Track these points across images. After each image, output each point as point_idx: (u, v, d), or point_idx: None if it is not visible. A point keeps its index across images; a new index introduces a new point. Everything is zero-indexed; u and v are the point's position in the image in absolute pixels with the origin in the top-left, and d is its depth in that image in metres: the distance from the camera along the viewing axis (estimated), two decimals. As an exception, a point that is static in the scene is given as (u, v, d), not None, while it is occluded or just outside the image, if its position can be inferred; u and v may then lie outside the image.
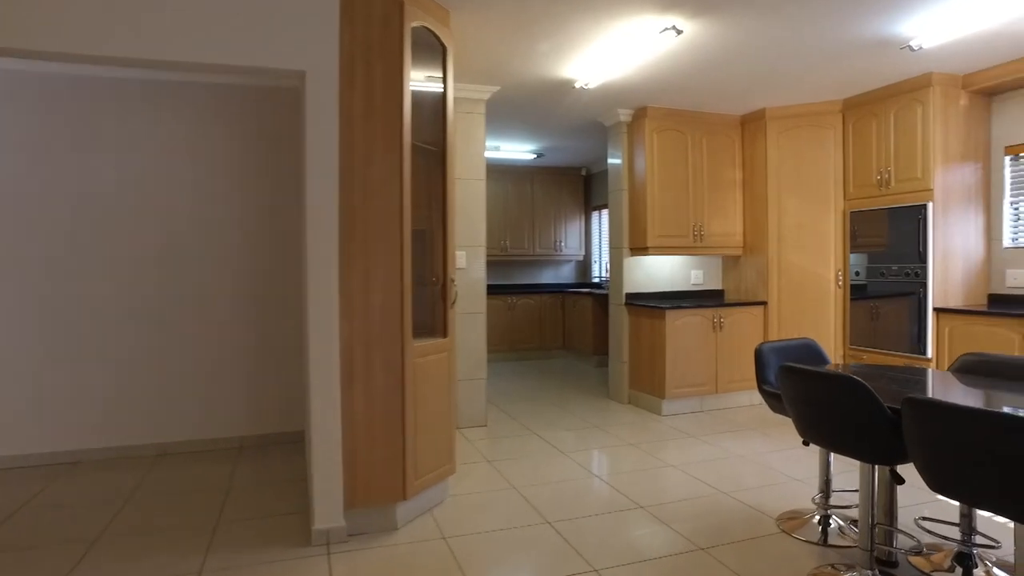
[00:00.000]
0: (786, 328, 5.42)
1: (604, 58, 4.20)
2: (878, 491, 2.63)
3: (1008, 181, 4.69)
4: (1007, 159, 4.68)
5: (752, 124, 5.64)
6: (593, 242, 9.29)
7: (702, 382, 5.35)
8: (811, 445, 4.25)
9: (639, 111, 5.55)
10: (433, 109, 3.40)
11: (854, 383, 2.17)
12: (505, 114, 5.80)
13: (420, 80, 3.31)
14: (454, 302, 3.38)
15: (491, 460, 4.13)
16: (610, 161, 5.93)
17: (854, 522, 2.99)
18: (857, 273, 5.11)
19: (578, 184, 9.11)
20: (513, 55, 4.14)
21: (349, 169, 2.91)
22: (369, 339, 2.96)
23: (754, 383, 5.53)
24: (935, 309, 4.55)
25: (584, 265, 9.49)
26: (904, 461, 2.22)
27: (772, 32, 3.73)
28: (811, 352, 3.25)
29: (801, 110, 5.35)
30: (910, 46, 3.87)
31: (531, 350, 8.58)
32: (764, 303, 5.52)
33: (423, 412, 3.16)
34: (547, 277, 9.34)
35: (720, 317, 5.38)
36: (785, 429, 4.77)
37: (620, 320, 5.78)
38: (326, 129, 2.86)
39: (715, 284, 6.09)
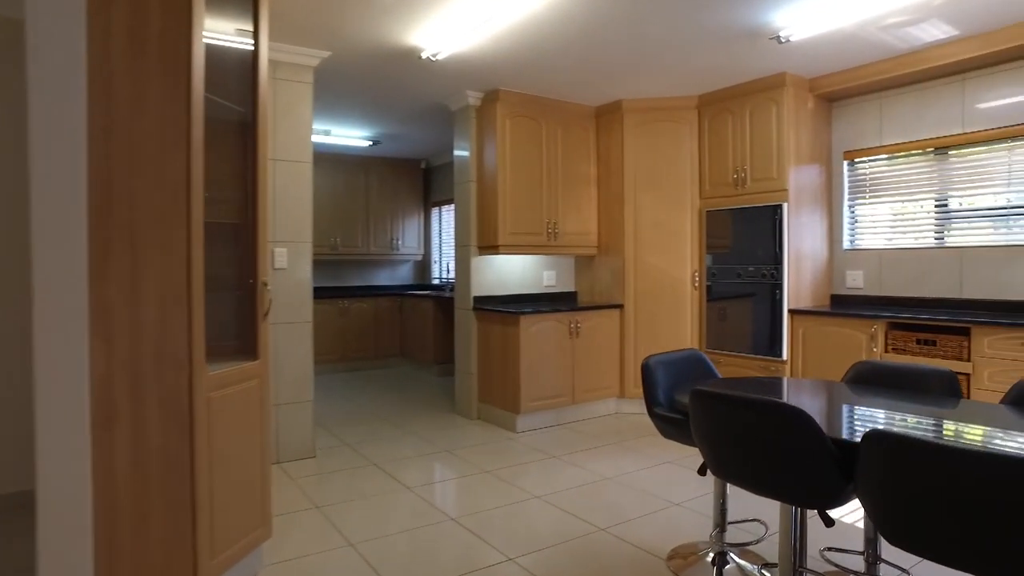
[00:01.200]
0: (643, 332, 5.16)
1: (457, 21, 3.57)
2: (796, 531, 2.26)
3: (846, 185, 4.77)
4: (845, 164, 4.76)
5: (608, 116, 5.33)
6: (433, 241, 8.64)
7: (559, 393, 4.91)
8: (690, 463, 3.94)
9: (490, 94, 4.99)
10: (243, 68, 2.55)
11: (798, 414, 1.74)
12: (338, 90, 4.95)
13: (228, 33, 2.47)
14: (267, 312, 2.55)
15: (320, 505, 3.32)
16: (457, 151, 5.32)
17: (765, 564, 2.63)
18: (713, 274, 4.97)
19: (417, 177, 8.41)
20: (348, 9, 3.37)
21: (103, 118, 1.98)
22: (139, 368, 2.05)
23: (611, 391, 5.21)
24: (790, 311, 4.49)
25: (423, 265, 8.80)
26: (843, 503, 1.84)
27: (640, 7, 3.33)
28: (700, 365, 2.86)
29: (658, 103, 5.12)
30: (779, 37, 3.69)
31: (366, 359, 7.72)
32: (620, 306, 5.22)
33: (223, 463, 2.31)
34: (383, 278, 8.52)
35: (577, 322, 4.98)
36: (648, 441, 4.46)
37: (468, 327, 5.18)
38: (64, 49, 1.91)
39: (568, 286, 5.72)
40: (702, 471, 2.46)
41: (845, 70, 4.40)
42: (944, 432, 1.91)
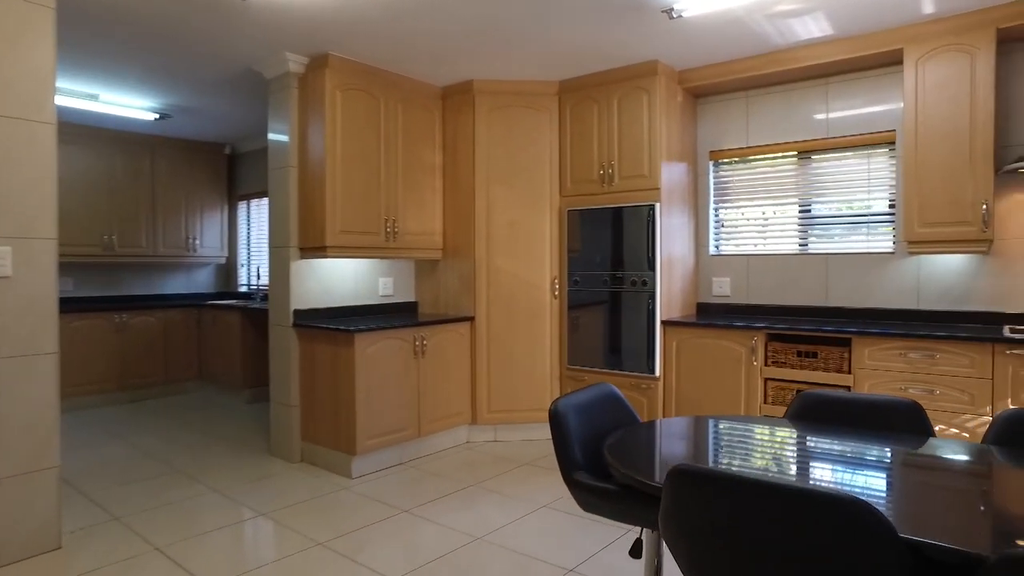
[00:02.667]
0: (497, 348, 4.50)
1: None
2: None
3: (712, 186, 4.50)
4: (710, 164, 4.49)
5: (457, 98, 4.59)
6: (240, 241, 7.29)
7: (403, 426, 4.07)
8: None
9: (317, 60, 4.02)
10: None
11: (866, 512, 1.12)
12: (106, 38, 3.67)
13: None
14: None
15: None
16: (273, 132, 4.25)
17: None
18: (576, 281, 4.44)
19: (220, 165, 7.03)
20: None
21: None
22: None
23: (462, 418, 4.47)
24: (663, 322, 4.08)
25: (227, 270, 7.42)
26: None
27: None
28: (618, 407, 2.22)
29: (515, 87, 4.49)
30: (672, 10, 3.21)
31: (154, 385, 6.23)
32: (471, 318, 4.50)
33: None
34: (176, 286, 7.02)
35: (423, 339, 4.18)
36: (510, 479, 3.79)
37: (287, 347, 4.15)
38: None
39: (407, 295, 4.89)
40: (636, 553, 1.81)
41: (715, 64, 4.10)
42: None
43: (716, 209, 4.50)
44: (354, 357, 3.78)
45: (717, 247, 4.50)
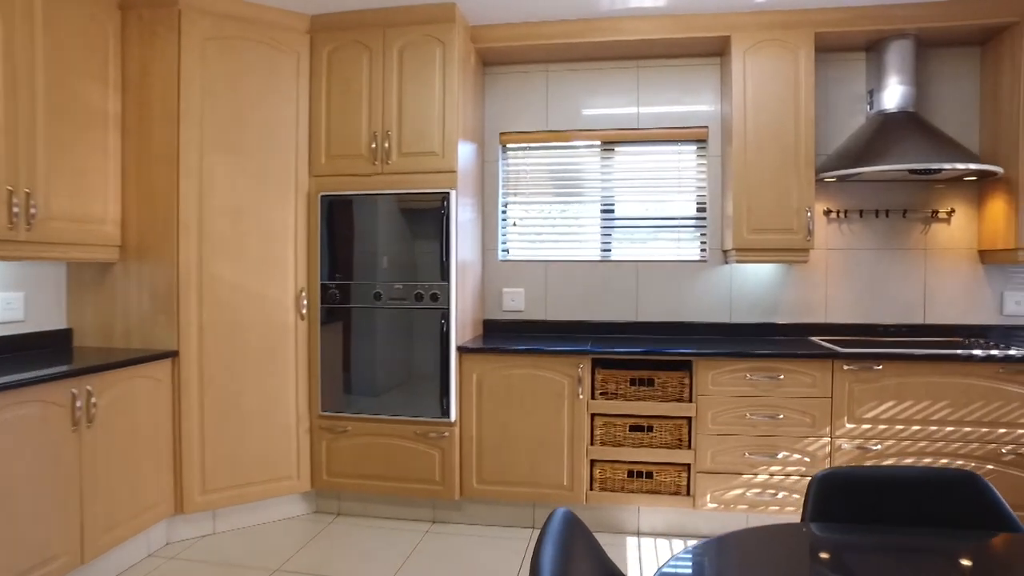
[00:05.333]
0: (216, 397, 3.00)
1: None
2: None
3: (502, 176, 3.70)
4: (500, 149, 3.68)
5: (149, 12, 2.94)
6: None
7: (52, 554, 2.34)
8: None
9: None
10: None
11: None
12: None
13: None
14: None
15: None
16: None
17: None
18: (335, 295, 3.19)
19: None
20: None
21: None
22: None
23: (159, 511, 2.84)
24: (459, 348, 3.10)
25: None
26: None
27: None
28: (587, 543, 1.18)
29: (247, 11, 3.05)
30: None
31: None
32: (173, 354, 2.92)
33: None
34: None
35: (89, 394, 2.50)
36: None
37: None
38: None
39: (50, 320, 3.02)
40: None
41: (516, 24, 3.29)
42: None
43: (506, 204, 3.71)
44: (-59, 442, 1.99)
45: (507, 251, 3.71)
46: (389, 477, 3.13)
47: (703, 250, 3.51)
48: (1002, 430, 2.81)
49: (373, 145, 3.13)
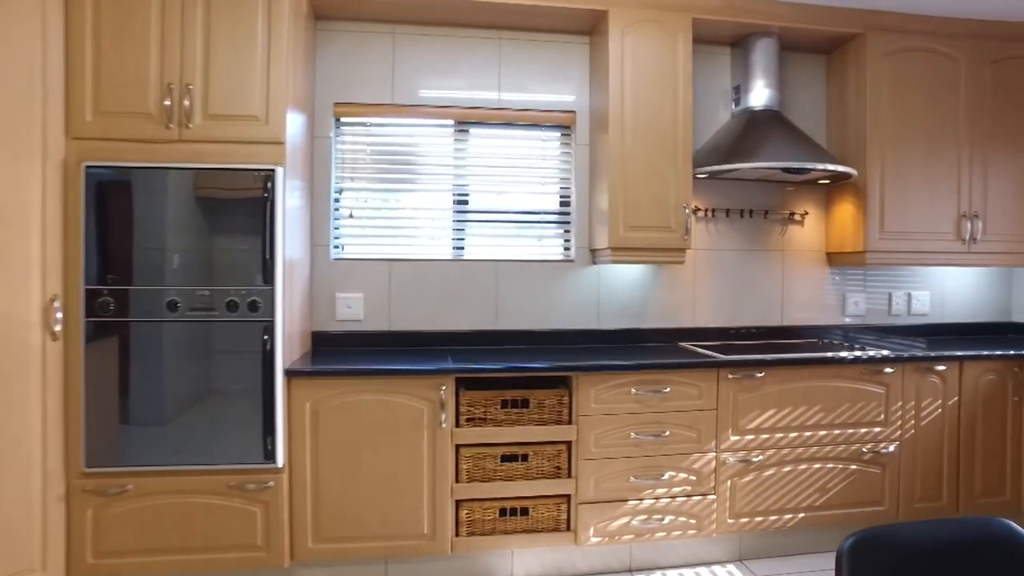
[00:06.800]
0: (-93, 459, 1.98)
1: None
2: None
3: (335, 156, 3.03)
4: (334, 123, 3.02)
5: None
6: None
7: None
8: None
9: None
10: None
11: None
12: None
13: None
14: None
15: None
16: None
17: None
18: (110, 306, 2.30)
19: None
20: None
21: None
22: None
23: None
24: (288, 372, 2.40)
25: None
26: None
27: None
28: None
29: None
30: None
31: None
32: None
33: None
34: None
35: None
36: None
37: None
38: None
39: None
40: None
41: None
42: None
43: (340, 191, 3.05)
44: None
45: (342, 247, 3.05)
46: (190, 548, 2.33)
47: (567, 249, 3.17)
48: (863, 430, 2.81)
49: (167, 102, 2.31)
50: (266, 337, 2.35)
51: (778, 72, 3.08)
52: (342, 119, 3.02)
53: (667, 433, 2.61)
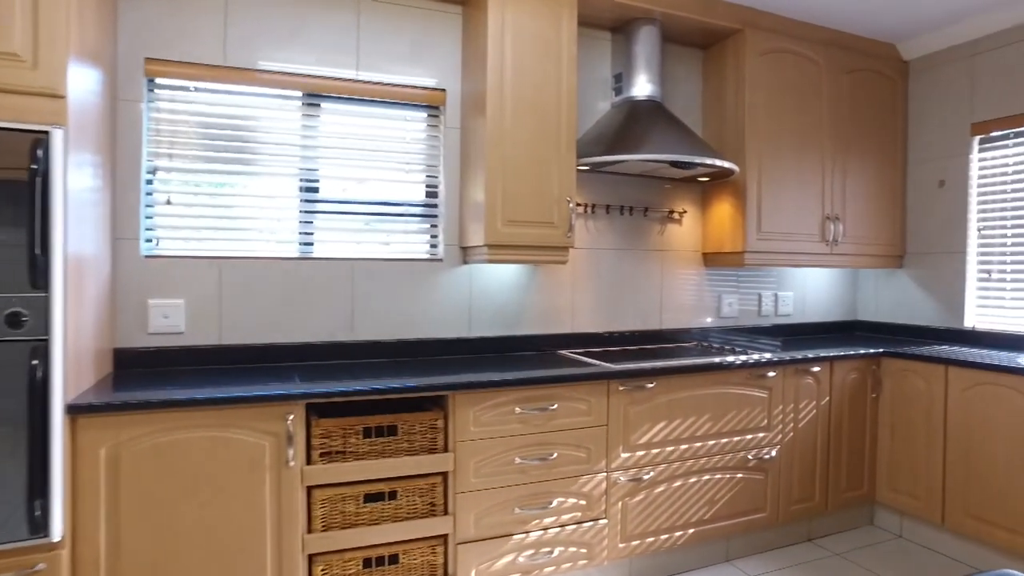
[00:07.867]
0: None
1: None
2: None
3: (146, 128, 2.39)
4: (145, 84, 2.38)
5: None
6: None
7: None
8: None
9: None
10: None
11: None
12: None
13: None
14: None
15: None
16: None
17: None
18: None
19: None
20: None
21: None
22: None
23: None
24: (71, 407, 1.79)
25: None
26: None
27: None
28: None
29: None
30: None
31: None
32: None
33: None
34: None
35: None
36: None
37: None
38: None
39: None
40: None
41: None
42: None
43: (154, 170, 2.42)
44: None
45: (156, 241, 2.43)
46: (-85, 664, 1.65)
47: (434, 246, 2.79)
48: (748, 436, 2.72)
49: None
50: (35, 362, 1.72)
51: (660, 63, 2.91)
52: (156, 79, 2.40)
53: (555, 455, 2.32)
